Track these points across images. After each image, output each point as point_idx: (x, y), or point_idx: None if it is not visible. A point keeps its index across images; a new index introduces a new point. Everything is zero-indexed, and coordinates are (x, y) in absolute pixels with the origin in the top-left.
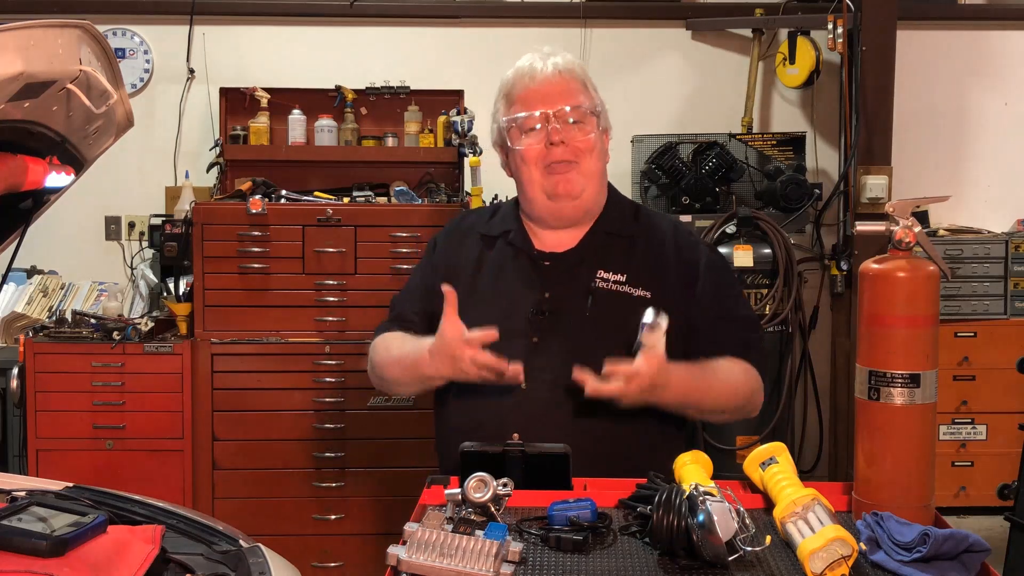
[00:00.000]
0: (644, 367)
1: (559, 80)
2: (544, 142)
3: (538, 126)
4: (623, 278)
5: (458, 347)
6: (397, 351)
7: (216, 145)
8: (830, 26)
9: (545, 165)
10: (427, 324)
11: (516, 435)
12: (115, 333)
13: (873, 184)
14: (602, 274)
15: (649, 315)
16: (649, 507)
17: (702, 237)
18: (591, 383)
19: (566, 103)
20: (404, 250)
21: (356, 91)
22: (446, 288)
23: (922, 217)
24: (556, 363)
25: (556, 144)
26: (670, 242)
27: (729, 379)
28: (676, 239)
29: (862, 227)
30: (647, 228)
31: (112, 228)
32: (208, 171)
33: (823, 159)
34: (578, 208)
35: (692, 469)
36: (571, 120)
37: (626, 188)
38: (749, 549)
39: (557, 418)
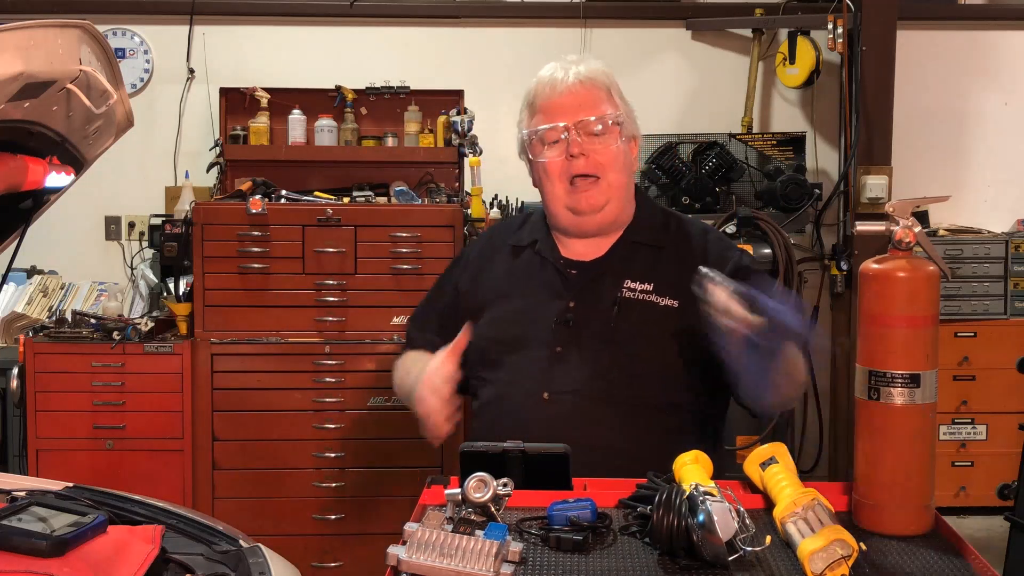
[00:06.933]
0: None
1: (580, 90)
2: (565, 155)
3: (561, 137)
4: (650, 287)
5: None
6: (407, 379)
7: (216, 145)
8: (830, 26)
9: (568, 179)
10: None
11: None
12: (115, 333)
13: (873, 184)
14: (628, 284)
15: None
16: (649, 507)
17: None
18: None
19: (587, 114)
20: (404, 250)
21: (356, 91)
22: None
23: (922, 217)
24: (578, 374)
25: (576, 157)
26: (700, 250)
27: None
28: (707, 247)
29: (862, 227)
30: (677, 237)
31: (112, 228)
32: (208, 171)
33: (823, 159)
34: (602, 221)
35: (692, 469)
36: (594, 131)
37: None
38: (749, 549)
39: (578, 430)
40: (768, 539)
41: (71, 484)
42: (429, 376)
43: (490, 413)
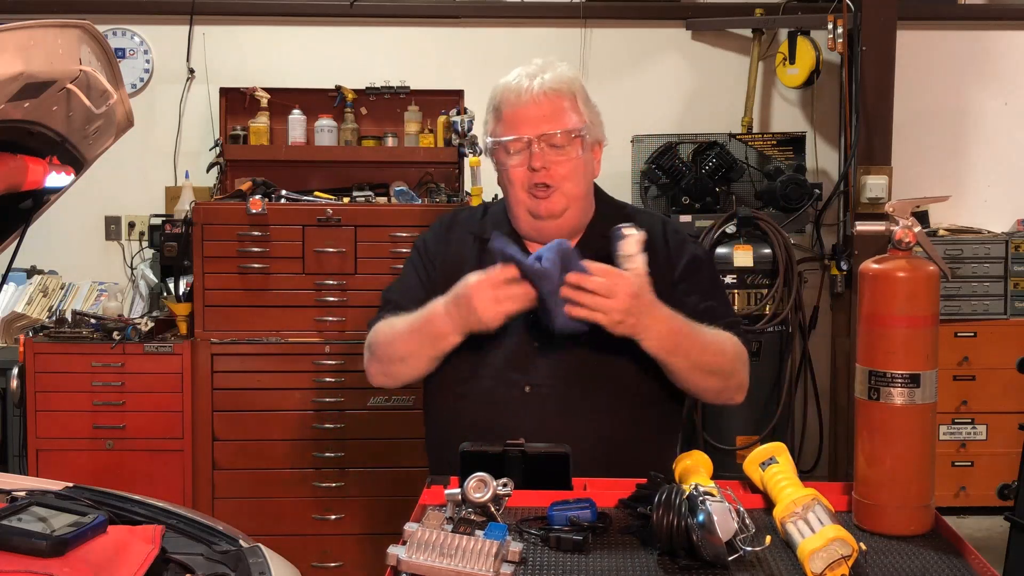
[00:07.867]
0: (623, 276)
1: (544, 101)
2: (527, 165)
3: (524, 148)
4: None
5: (479, 288)
6: (403, 322)
7: (216, 145)
8: (830, 26)
9: (529, 187)
10: None
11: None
12: (115, 333)
13: (873, 184)
14: None
15: (625, 228)
16: (649, 507)
17: (702, 237)
18: (575, 310)
19: (550, 127)
20: (404, 250)
21: (356, 91)
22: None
23: (922, 217)
24: (557, 367)
25: (538, 170)
26: (660, 242)
27: (718, 337)
28: (665, 238)
29: (862, 227)
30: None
31: (112, 228)
32: (208, 171)
33: (823, 159)
34: (561, 227)
35: (692, 469)
36: (556, 144)
37: (626, 188)
38: (749, 549)
39: (561, 422)
40: (768, 539)
41: (71, 484)
42: (473, 286)
43: (472, 407)
